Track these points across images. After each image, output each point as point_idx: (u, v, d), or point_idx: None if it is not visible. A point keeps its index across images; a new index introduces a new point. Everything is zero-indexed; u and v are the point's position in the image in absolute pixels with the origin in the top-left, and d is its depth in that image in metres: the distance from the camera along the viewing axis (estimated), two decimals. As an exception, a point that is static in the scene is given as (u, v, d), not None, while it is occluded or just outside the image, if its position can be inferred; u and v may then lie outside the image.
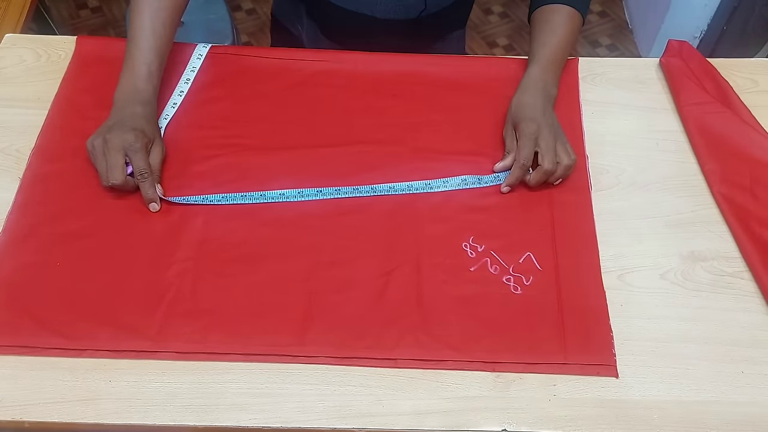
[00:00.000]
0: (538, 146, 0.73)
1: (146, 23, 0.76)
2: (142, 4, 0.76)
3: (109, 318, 0.66)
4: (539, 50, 0.81)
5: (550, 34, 0.81)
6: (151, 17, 0.76)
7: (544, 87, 0.79)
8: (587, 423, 0.61)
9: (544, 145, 0.73)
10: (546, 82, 0.79)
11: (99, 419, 0.60)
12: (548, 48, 0.81)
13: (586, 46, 2.10)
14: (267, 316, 0.67)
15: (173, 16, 0.78)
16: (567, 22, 0.82)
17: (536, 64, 0.80)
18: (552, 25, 0.82)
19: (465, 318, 0.67)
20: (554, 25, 0.82)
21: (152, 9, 0.76)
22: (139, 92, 0.75)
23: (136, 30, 0.76)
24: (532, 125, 0.74)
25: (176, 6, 0.78)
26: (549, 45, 0.81)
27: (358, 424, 0.61)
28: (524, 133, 0.74)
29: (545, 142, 0.73)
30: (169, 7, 0.77)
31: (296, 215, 0.74)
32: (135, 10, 0.77)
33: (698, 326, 0.67)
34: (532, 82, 0.79)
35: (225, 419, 0.61)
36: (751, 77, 0.88)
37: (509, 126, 0.78)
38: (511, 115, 0.78)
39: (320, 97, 0.84)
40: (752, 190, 0.75)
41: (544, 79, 0.79)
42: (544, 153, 0.73)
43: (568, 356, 0.65)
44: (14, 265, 0.69)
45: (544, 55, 0.80)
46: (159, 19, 0.76)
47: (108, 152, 0.71)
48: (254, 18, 2.18)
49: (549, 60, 0.80)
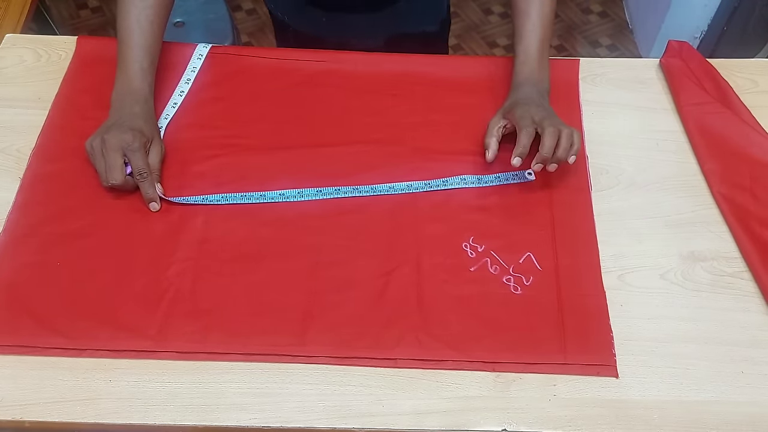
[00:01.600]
0: (534, 120, 0.72)
1: (133, 22, 0.76)
2: (128, 5, 0.77)
3: (109, 318, 0.66)
4: (519, 44, 0.79)
5: (524, 19, 0.79)
6: (138, 16, 0.76)
7: (535, 83, 0.78)
8: (587, 423, 0.61)
9: (539, 116, 0.72)
10: (536, 80, 0.79)
11: (99, 419, 0.60)
12: (528, 39, 0.79)
13: (586, 46, 2.10)
14: (267, 315, 0.67)
15: (160, 13, 0.78)
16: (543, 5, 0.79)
17: (521, 63, 0.79)
18: (523, 5, 0.79)
19: (465, 318, 0.67)
20: (525, 4, 0.79)
21: (138, 8, 0.76)
22: (135, 91, 0.76)
23: (124, 30, 0.77)
24: (523, 107, 0.74)
25: (162, 4, 0.78)
26: (527, 35, 0.79)
27: (358, 423, 0.61)
28: (515, 113, 0.73)
29: (539, 114, 0.72)
30: (155, 5, 0.77)
31: (296, 215, 0.74)
32: (122, 11, 0.77)
33: (698, 326, 0.67)
34: (522, 80, 0.79)
35: (225, 419, 0.61)
36: (751, 77, 0.88)
37: (497, 116, 0.77)
38: (503, 109, 0.77)
39: (320, 97, 0.84)
40: (752, 190, 0.75)
41: (533, 77, 0.79)
42: (540, 120, 0.72)
43: (568, 356, 0.65)
44: (14, 265, 0.69)
45: (526, 50, 0.79)
46: (146, 18, 0.77)
47: (106, 153, 0.71)
48: (254, 18, 2.18)
49: (531, 55, 0.79)
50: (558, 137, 0.70)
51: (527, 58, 0.79)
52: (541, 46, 0.79)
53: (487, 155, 0.75)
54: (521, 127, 0.72)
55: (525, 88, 0.78)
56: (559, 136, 0.70)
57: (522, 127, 0.72)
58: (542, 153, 0.70)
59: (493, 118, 0.77)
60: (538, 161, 0.71)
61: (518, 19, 0.80)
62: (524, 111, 0.73)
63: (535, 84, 0.78)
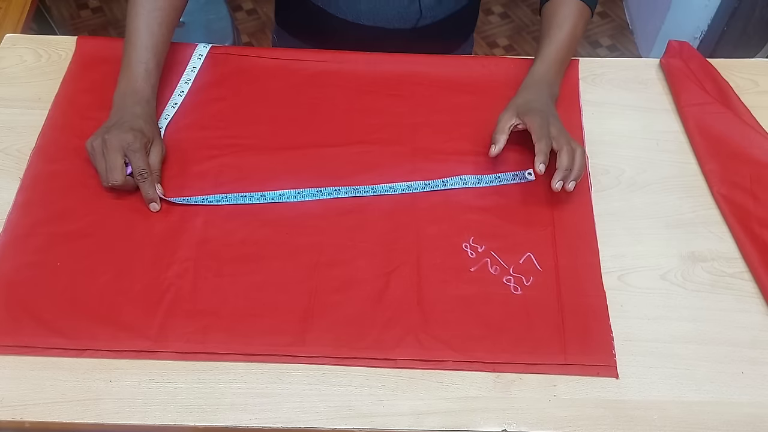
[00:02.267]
0: (552, 133, 0.73)
1: (142, 23, 0.76)
2: (138, 5, 0.76)
3: (109, 318, 0.66)
4: (545, 47, 0.82)
5: (556, 30, 0.82)
6: (147, 17, 0.76)
7: (549, 85, 0.80)
8: (587, 423, 0.61)
9: (555, 130, 0.73)
10: (550, 81, 0.80)
11: (99, 419, 0.60)
12: (554, 45, 0.82)
13: (586, 47, 2.10)
14: (267, 316, 0.67)
15: (170, 16, 0.78)
16: (573, 16, 0.82)
17: (541, 62, 0.81)
18: (558, 20, 0.82)
19: (465, 318, 0.67)
20: (561, 19, 0.82)
21: (148, 9, 0.76)
22: (138, 92, 0.75)
23: (132, 30, 0.76)
24: (541, 114, 0.75)
25: (173, 6, 0.78)
26: (555, 42, 0.82)
27: (358, 424, 0.61)
28: (534, 120, 0.74)
29: (556, 128, 0.74)
30: (166, 7, 0.77)
31: (296, 215, 0.74)
32: (131, 11, 0.77)
33: (698, 327, 0.67)
34: (538, 79, 0.80)
35: (225, 419, 0.61)
36: (751, 78, 0.88)
37: (510, 112, 0.76)
38: (516, 106, 0.77)
39: (320, 98, 0.84)
40: (752, 190, 0.75)
41: (549, 78, 0.80)
42: (557, 135, 0.73)
43: (568, 357, 0.65)
44: (15, 265, 0.69)
45: (550, 53, 0.81)
46: (155, 19, 0.77)
47: (107, 153, 0.71)
48: (254, 18, 2.19)
49: (553, 59, 0.81)
50: (573, 156, 0.72)
51: (548, 60, 0.81)
52: (563, 56, 0.82)
53: (492, 149, 0.74)
54: (540, 136, 0.72)
55: (539, 87, 0.79)
56: (574, 156, 0.72)
57: (540, 136, 0.72)
58: (561, 169, 0.71)
59: (504, 114, 0.77)
60: (560, 178, 0.71)
61: (550, 29, 0.82)
62: (542, 120, 0.74)
63: (549, 85, 0.80)
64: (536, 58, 0.83)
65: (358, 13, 0.91)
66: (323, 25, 0.94)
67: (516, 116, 0.76)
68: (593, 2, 0.85)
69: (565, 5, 0.83)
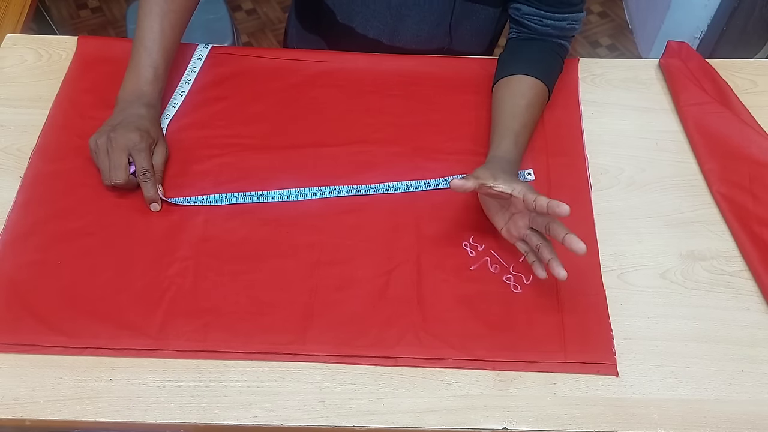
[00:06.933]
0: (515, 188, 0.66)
1: (155, 25, 0.75)
2: (151, 5, 0.76)
3: (110, 316, 0.66)
4: (509, 122, 0.76)
5: (518, 104, 0.76)
6: (161, 19, 0.76)
7: (514, 161, 0.73)
8: (587, 421, 0.61)
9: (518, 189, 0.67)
10: (517, 158, 0.74)
11: (100, 417, 0.61)
12: (518, 120, 0.76)
13: (586, 46, 2.10)
14: (267, 314, 0.67)
15: (182, 19, 0.78)
16: (532, 91, 0.78)
17: (507, 139, 0.74)
18: (519, 95, 0.77)
19: (465, 317, 0.67)
20: (520, 94, 0.77)
21: (162, 10, 0.76)
22: (144, 95, 0.75)
23: (145, 31, 0.76)
24: (508, 176, 0.68)
25: (185, 9, 0.78)
26: (518, 117, 0.76)
27: (358, 422, 0.61)
28: (507, 182, 0.67)
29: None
30: (179, 10, 0.77)
31: (297, 214, 0.74)
32: (144, 11, 0.76)
33: (698, 325, 0.68)
34: (504, 156, 0.73)
35: (225, 417, 0.61)
36: (750, 78, 0.88)
37: (486, 176, 0.68)
38: (491, 173, 0.68)
39: (320, 97, 0.85)
40: (751, 189, 0.76)
41: (515, 155, 0.74)
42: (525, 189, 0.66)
43: (568, 355, 0.65)
44: (15, 263, 0.69)
45: (514, 129, 0.75)
46: (168, 21, 0.76)
47: (112, 151, 0.71)
48: (254, 18, 2.19)
49: (518, 134, 0.75)
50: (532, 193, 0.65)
51: (510, 134, 0.75)
52: (527, 125, 0.76)
53: (457, 181, 0.66)
54: (513, 188, 0.66)
55: (504, 165, 0.71)
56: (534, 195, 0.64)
57: (514, 188, 0.66)
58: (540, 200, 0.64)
59: (483, 172, 0.69)
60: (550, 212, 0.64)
61: (504, 94, 0.78)
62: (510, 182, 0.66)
63: (513, 163, 0.73)
64: (501, 134, 0.75)
65: (390, 36, 0.90)
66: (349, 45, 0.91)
67: (492, 179, 0.67)
68: (551, 84, 0.80)
69: (524, 82, 0.78)
